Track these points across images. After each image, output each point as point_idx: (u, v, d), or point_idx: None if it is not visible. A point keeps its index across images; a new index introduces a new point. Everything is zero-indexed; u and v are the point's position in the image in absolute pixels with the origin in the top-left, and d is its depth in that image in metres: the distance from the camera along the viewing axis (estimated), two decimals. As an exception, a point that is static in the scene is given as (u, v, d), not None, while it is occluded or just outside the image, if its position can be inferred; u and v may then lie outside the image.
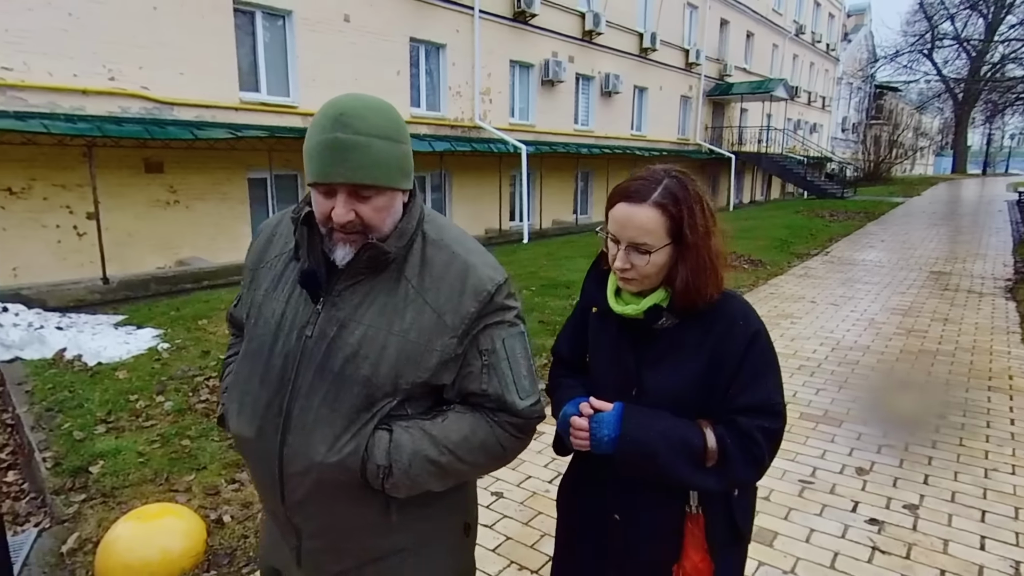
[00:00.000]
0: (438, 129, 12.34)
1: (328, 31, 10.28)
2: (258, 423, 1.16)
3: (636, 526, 1.30)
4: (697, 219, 1.20)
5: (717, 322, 1.23)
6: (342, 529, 1.19)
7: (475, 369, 1.16)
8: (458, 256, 1.18)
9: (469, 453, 1.17)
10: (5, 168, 7.34)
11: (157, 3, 8.33)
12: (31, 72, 7.46)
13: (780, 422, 1.24)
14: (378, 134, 1.07)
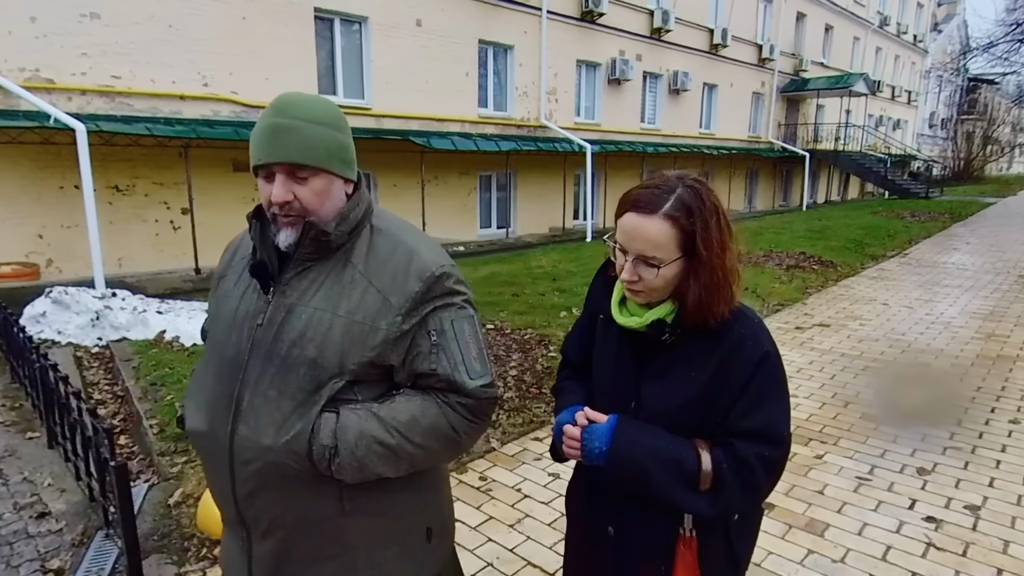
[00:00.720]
0: (504, 129, 12.59)
1: (401, 35, 10.70)
2: (209, 415, 1.18)
3: (628, 542, 1.26)
4: (712, 233, 1.13)
5: (724, 340, 1.17)
6: (293, 523, 1.18)
7: (424, 349, 1.17)
8: (403, 243, 1.21)
9: (419, 435, 1.16)
10: (113, 167, 8.09)
11: (246, 13, 8.94)
12: (136, 80, 8.19)
13: (782, 451, 1.18)
14: (313, 119, 1.12)
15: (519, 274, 8.18)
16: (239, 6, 8.85)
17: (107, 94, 7.98)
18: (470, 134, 11.77)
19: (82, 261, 7.69)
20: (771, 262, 9.07)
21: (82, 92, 7.79)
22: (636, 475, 1.16)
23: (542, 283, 7.58)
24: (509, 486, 3.15)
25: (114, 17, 7.87)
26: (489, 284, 7.45)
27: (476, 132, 11.96)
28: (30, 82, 7.34)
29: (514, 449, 3.56)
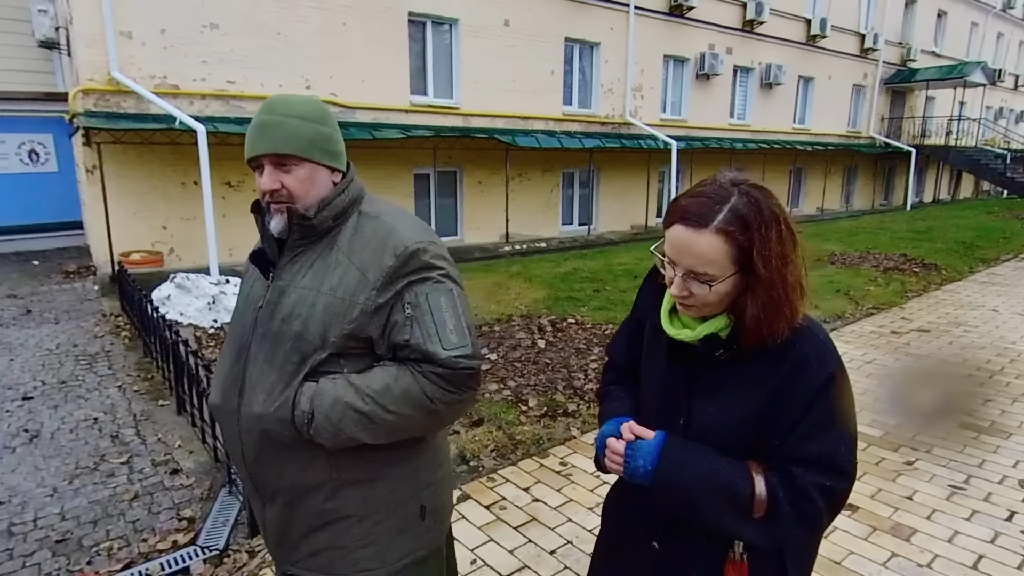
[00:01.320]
0: (588, 126, 12.63)
1: (489, 35, 10.97)
2: (222, 391, 1.31)
3: (673, 559, 1.18)
4: (772, 246, 1.02)
5: (786, 359, 1.06)
6: (290, 489, 1.27)
7: (399, 321, 1.23)
8: (385, 223, 1.28)
9: (393, 402, 1.20)
10: (226, 165, 8.80)
11: (346, 19, 9.47)
12: (248, 84, 8.88)
13: (846, 483, 1.07)
14: (296, 115, 1.23)
15: (600, 271, 8.24)
16: (340, 13, 9.40)
17: (222, 98, 8.71)
18: (554, 132, 11.90)
19: (199, 250, 8.46)
20: (867, 263, 8.65)
21: (202, 96, 8.55)
22: (681, 499, 1.08)
23: (623, 280, 7.61)
24: (588, 472, 3.27)
25: (231, 27, 8.58)
26: (571, 280, 7.56)
27: (560, 130, 12.07)
28: (159, 88, 8.13)
29: (594, 438, 3.68)
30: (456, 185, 11.53)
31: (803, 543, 1.13)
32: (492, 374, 4.47)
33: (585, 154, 12.23)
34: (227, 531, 2.75)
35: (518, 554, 2.61)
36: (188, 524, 2.87)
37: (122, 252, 8.08)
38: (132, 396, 4.40)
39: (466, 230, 11.57)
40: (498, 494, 3.07)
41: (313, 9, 9.18)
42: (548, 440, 3.63)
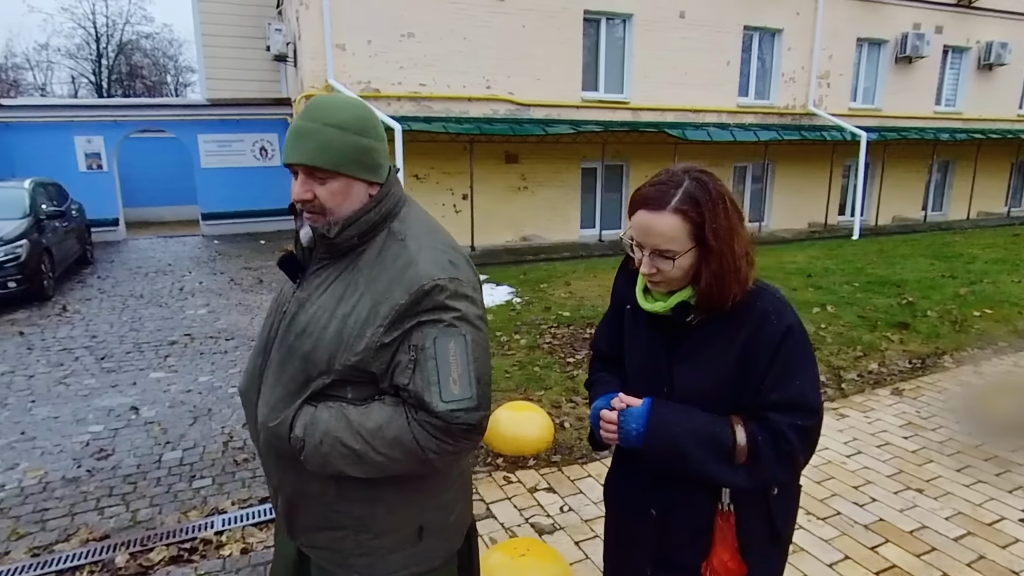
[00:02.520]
0: (764, 118, 12.06)
1: (663, 29, 10.93)
2: (247, 382, 1.34)
3: (671, 522, 1.29)
4: (720, 221, 1.16)
5: (748, 317, 1.20)
6: (293, 491, 1.30)
7: (403, 362, 1.16)
8: (408, 250, 1.19)
9: (384, 445, 1.16)
10: (415, 160, 9.80)
11: (525, 22, 10.03)
12: (436, 86, 9.79)
13: (815, 418, 1.20)
14: (333, 123, 1.16)
15: (769, 268, 7.96)
16: (519, 16, 9.98)
17: (414, 99, 9.71)
18: (727, 124, 11.55)
19: (389, 236, 9.54)
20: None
21: (397, 98, 9.60)
22: (673, 453, 1.20)
23: (795, 279, 7.30)
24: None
25: (424, 35, 9.52)
26: None
27: (734, 122, 11.69)
28: (364, 92, 9.28)
29: (753, 427, 3.74)
30: (622, 179, 11.68)
31: (785, 480, 1.24)
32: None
33: (760, 147, 11.72)
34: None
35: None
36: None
37: (329, 235, 9.39)
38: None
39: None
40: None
41: (496, 14, 9.85)
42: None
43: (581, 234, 11.34)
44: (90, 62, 30.36)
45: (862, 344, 5.04)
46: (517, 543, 2.39)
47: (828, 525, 2.76)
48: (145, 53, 31.80)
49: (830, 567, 2.47)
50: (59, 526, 2.93)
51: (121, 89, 31.17)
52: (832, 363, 4.65)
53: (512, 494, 3.06)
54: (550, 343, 5.11)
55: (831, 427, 3.71)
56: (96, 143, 12.03)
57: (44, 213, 7.82)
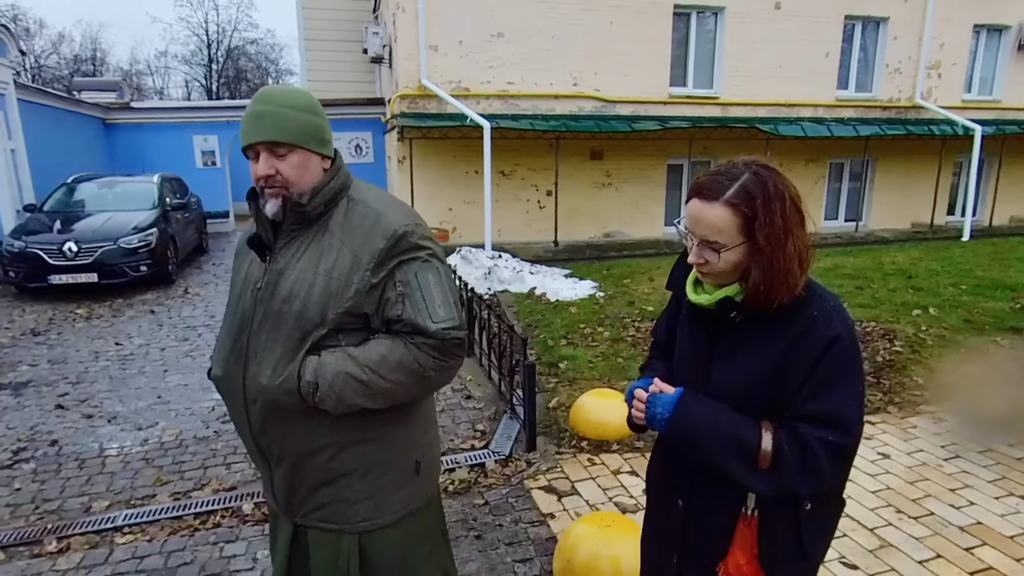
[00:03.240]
0: (865, 112, 11.46)
1: (756, 21, 10.62)
2: (225, 364, 1.40)
3: (695, 516, 1.31)
4: (775, 219, 1.13)
5: (796, 321, 1.16)
6: (296, 452, 1.38)
7: (392, 297, 1.33)
8: (372, 208, 1.38)
9: (389, 371, 1.32)
10: (502, 156, 10.04)
11: (613, 18, 10.04)
12: (524, 84, 9.99)
13: (848, 438, 1.15)
14: (288, 105, 1.30)
15: (866, 268, 7.62)
16: (608, 12, 10.00)
17: (502, 97, 9.95)
18: (823, 119, 11.08)
19: (474, 230, 9.84)
20: None
21: (486, 97, 9.88)
22: (693, 443, 1.21)
23: (894, 280, 6.97)
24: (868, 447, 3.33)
25: (514, 35, 9.74)
26: (829, 276, 7.17)
27: (831, 117, 11.19)
28: (455, 91, 9.62)
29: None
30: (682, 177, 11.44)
31: (807, 494, 1.18)
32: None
33: (859, 143, 11.16)
34: (510, 443, 3.48)
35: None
36: (481, 435, 3.68)
37: (419, 228, 9.81)
38: (432, 340, 5.53)
39: (716, 221, 11.43)
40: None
41: (584, 11, 9.93)
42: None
43: (665, 231, 11.22)
44: (202, 67, 32.90)
45: (967, 348, 4.79)
46: (602, 515, 2.53)
47: (920, 524, 2.71)
48: (249, 57, 34.09)
49: (920, 563, 2.45)
50: (194, 476, 3.34)
51: (228, 92, 33.58)
52: (932, 366, 4.46)
53: (596, 475, 3.19)
54: (633, 336, 5.18)
55: (927, 430, 3.60)
56: (211, 141, 13.11)
57: (170, 205, 8.66)
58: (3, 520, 2.95)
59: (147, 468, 3.43)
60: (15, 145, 8.86)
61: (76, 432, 3.88)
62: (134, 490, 3.21)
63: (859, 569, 2.43)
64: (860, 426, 1.17)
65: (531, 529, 2.76)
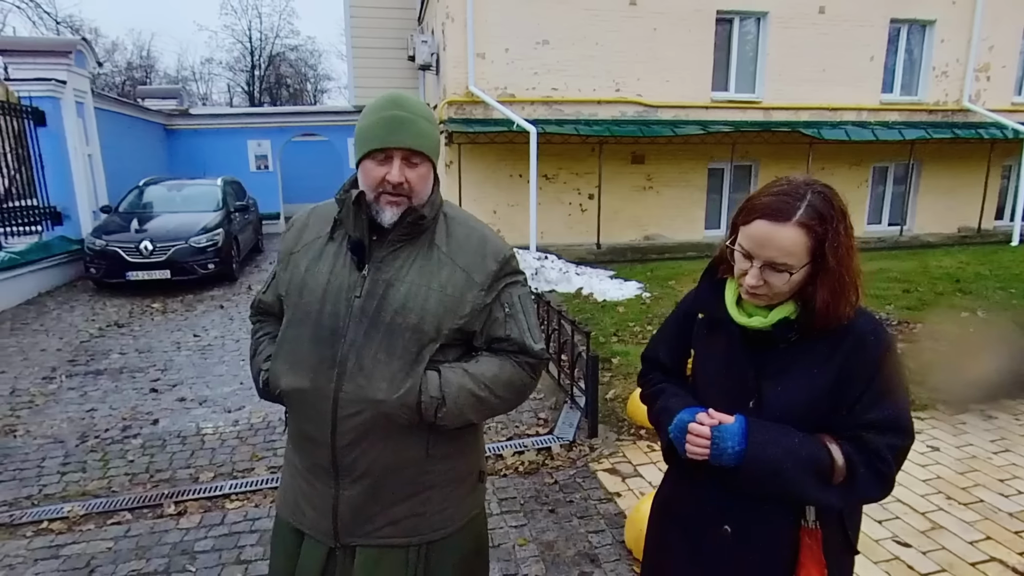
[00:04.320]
0: (911, 115, 11.40)
1: (800, 26, 10.67)
2: (311, 375, 1.33)
3: (749, 539, 1.27)
4: (841, 239, 1.15)
5: (847, 337, 1.18)
6: (384, 467, 1.35)
7: (500, 318, 1.38)
8: (475, 229, 1.41)
9: (500, 388, 1.37)
10: (545, 160, 10.27)
11: (656, 25, 10.22)
12: (567, 90, 10.23)
13: (909, 440, 1.20)
14: (423, 115, 1.31)
15: (913, 272, 7.65)
16: (651, 19, 10.18)
17: (547, 103, 10.21)
18: (868, 122, 11.06)
19: (519, 231, 10.09)
20: None
21: (531, 103, 10.15)
22: (771, 474, 1.17)
23: (941, 283, 7.00)
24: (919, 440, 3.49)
25: (558, 42, 9.99)
26: (876, 279, 7.23)
27: (875, 120, 11.16)
28: (501, 97, 9.91)
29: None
30: (751, 180, 11.52)
31: (879, 499, 1.21)
32: (786, 353, 4.82)
33: (904, 146, 11.10)
34: (572, 430, 3.72)
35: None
36: (544, 422, 3.93)
37: (465, 230, 10.13)
38: (487, 336, 5.81)
39: (757, 224, 11.49)
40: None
41: (628, 19, 10.13)
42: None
43: (705, 234, 11.32)
44: (244, 72, 34.00)
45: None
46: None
47: (970, 510, 2.87)
48: (290, 63, 35.10)
49: (970, 544, 2.62)
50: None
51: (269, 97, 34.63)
52: (980, 367, 4.56)
53: (656, 460, 3.42)
54: (683, 334, 5.38)
55: (978, 426, 3.73)
56: (264, 146, 13.69)
57: (232, 206, 9.15)
58: (124, 487, 3.32)
59: (242, 445, 3.78)
60: (92, 150, 9.46)
61: (173, 413, 4.26)
62: (234, 464, 3.55)
63: (911, 547, 2.61)
64: (913, 427, 1.22)
65: (600, 505, 3.00)
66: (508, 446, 3.60)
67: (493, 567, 2.57)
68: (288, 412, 1.43)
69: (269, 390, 1.42)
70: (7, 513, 3.06)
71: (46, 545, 2.80)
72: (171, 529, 2.89)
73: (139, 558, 2.69)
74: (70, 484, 3.35)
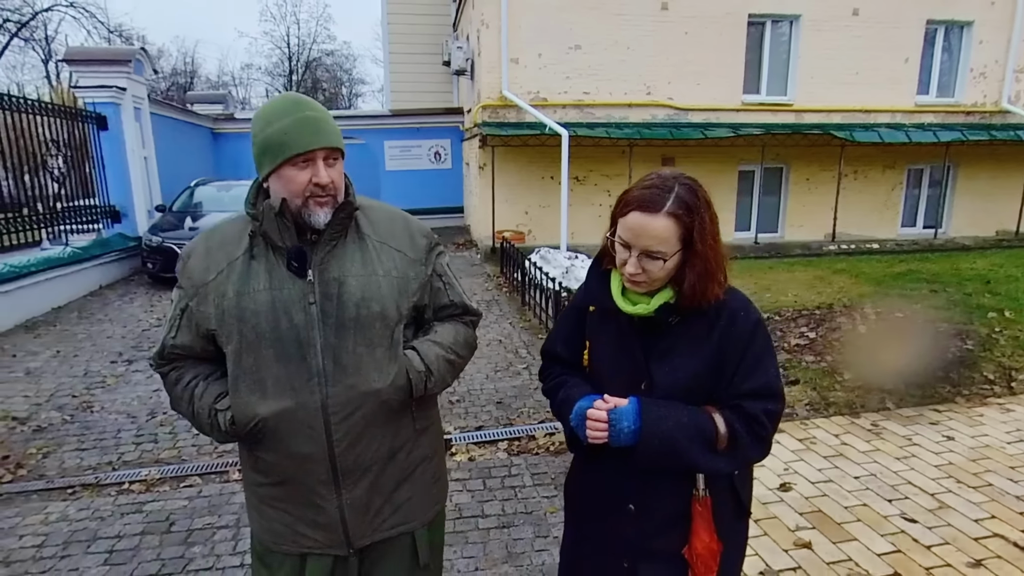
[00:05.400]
0: (947, 117, 11.31)
1: (833, 28, 10.70)
2: (291, 392, 1.29)
3: (650, 515, 1.35)
4: (706, 226, 1.24)
5: (721, 314, 1.29)
6: (385, 455, 1.38)
7: (440, 287, 1.47)
8: (394, 212, 1.47)
9: (461, 348, 1.48)
10: (576, 163, 10.49)
11: (688, 29, 10.37)
12: (599, 94, 10.45)
13: (782, 404, 1.31)
14: (327, 112, 1.30)
15: (942, 273, 7.67)
16: (682, 23, 10.34)
17: (578, 107, 10.45)
18: (902, 124, 11.02)
19: (549, 232, 10.36)
20: None
21: (563, 106, 10.40)
22: (667, 448, 1.25)
23: (971, 284, 7.02)
24: (899, 435, 3.65)
25: (591, 47, 10.23)
26: (904, 280, 7.28)
27: (910, 122, 11.11)
28: (533, 101, 10.18)
29: (909, 412, 3.97)
30: (781, 182, 11.57)
31: (759, 459, 1.35)
32: (810, 349, 4.96)
33: (939, 149, 11.02)
34: (600, 415, 3.96)
35: (824, 472, 3.24)
36: (573, 408, 4.18)
37: (497, 230, 10.42)
38: (519, 330, 6.08)
39: (788, 227, 11.54)
40: (809, 433, 3.69)
41: (660, 23, 10.31)
42: (861, 406, 4.05)
43: (735, 236, 11.41)
44: (283, 78, 34.98)
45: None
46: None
47: (978, 492, 3.03)
48: (326, 68, 35.98)
49: (975, 521, 2.78)
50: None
51: (305, 101, 35.42)
52: (1003, 363, 4.64)
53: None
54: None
55: (995, 419, 3.85)
56: (304, 149, 14.18)
57: (277, 206, 9.58)
58: (193, 456, 3.67)
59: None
60: (148, 153, 10.02)
61: (230, 394, 4.62)
62: (288, 439, 3.88)
63: (917, 523, 2.78)
64: (784, 392, 1.34)
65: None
66: (540, 428, 3.86)
67: (527, 530, 2.84)
68: (263, 442, 1.32)
69: (238, 427, 1.31)
70: (92, 475, 3.44)
71: (129, 502, 3.16)
72: (238, 492, 3.22)
73: (212, 514, 3.02)
74: (144, 453, 3.72)
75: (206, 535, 2.85)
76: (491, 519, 2.94)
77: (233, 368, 1.31)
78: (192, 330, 1.35)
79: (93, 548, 2.77)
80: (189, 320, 1.34)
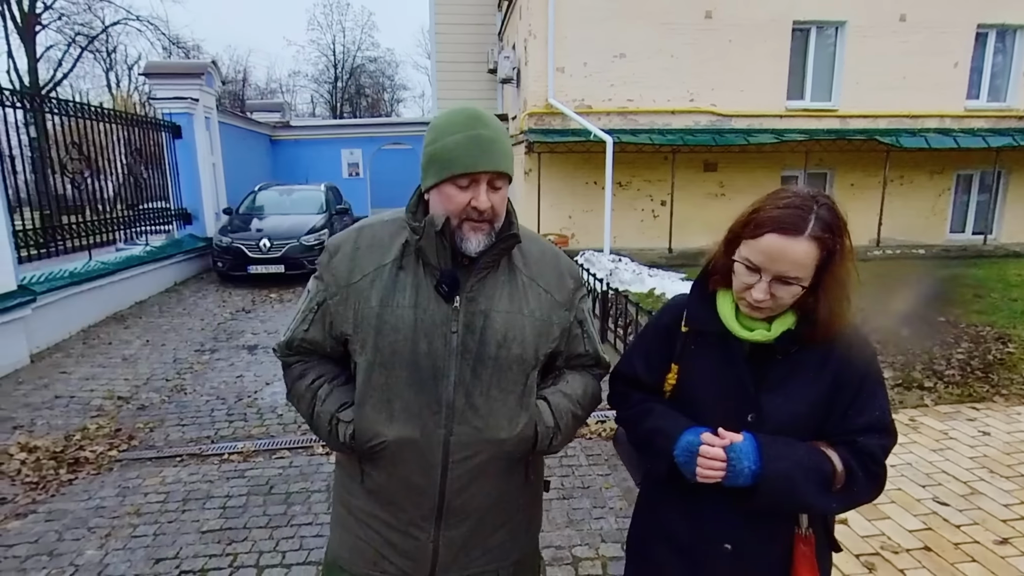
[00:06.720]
0: (998, 122, 11.18)
1: (879, 34, 10.72)
2: (420, 422, 1.22)
3: (747, 554, 1.26)
4: (846, 251, 1.15)
5: (838, 344, 1.20)
6: (492, 502, 1.31)
7: (578, 335, 1.36)
8: (544, 245, 1.38)
9: (589, 403, 1.38)
10: (619, 168, 10.74)
11: (732, 36, 10.54)
12: (642, 101, 10.70)
13: (894, 439, 1.23)
14: (503, 133, 1.21)
15: (988, 279, 7.68)
16: (727, 31, 10.52)
17: (622, 114, 10.72)
18: (950, 130, 10.94)
19: (592, 236, 10.64)
20: None
21: (607, 114, 10.68)
22: (787, 489, 1.16)
23: (1017, 290, 7.05)
24: (936, 428, 3.84)
25: (635, 55, 10.49)
26: (948, 284, 7.35)
27: (959, 128, 11.02)
28: (578, 108, 10.49)
29: (946, 409, 4.15)
30: (825, 188, 11.59)
31: (871, 500, 1.23)
32: (850, 349, 5.16)
33: (989, 154, 10.91)
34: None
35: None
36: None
37: (542, 233, 10.75)
38: (567, 328, 6.40)
39: (831, 232, 11.55)
40: (848, 426, 3.91)
41: (704, 31, 10.51)
42: (900, 403, 4.24)
43: (777, 241, 11.47)
44: (328, 84, 36.09)
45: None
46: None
47: (1010, 481, 3.22)
48: (369, 75, 36.96)
49: (1004, 506, 2.98)
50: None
51: (349, 107, 36.58)
52: (1044, 367, 4.76)
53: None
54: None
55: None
56: (356, 154, 14.85)
57: (334, 209, 10.14)
58: (280, 432, 4.11)
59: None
60: (216, 159, 10.72)
61: (305, 381, 5.06)
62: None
63: (949, 506, 3.00)
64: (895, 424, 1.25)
65: (672, 463, 3.52)
66: (592, 416, 4.18)
67: (585, 501, 3.16)
68: (378, 462, 1.27)
69: (358, 442, 1.25)
70: (196, 447, 3.90)
71: (232, 469, 3.60)
72: (325, 463, 3.63)
73: (305, 480, 3.43)
74: (237, 429, 4.17)
75: (303, 497, 3.26)
76: (552, 492, 3.26)
77: (363, 382, 1.25)
78: (324, 328, 1.30)
79: (208, 504, 3.21)
80: (323, 317, 1.29)
